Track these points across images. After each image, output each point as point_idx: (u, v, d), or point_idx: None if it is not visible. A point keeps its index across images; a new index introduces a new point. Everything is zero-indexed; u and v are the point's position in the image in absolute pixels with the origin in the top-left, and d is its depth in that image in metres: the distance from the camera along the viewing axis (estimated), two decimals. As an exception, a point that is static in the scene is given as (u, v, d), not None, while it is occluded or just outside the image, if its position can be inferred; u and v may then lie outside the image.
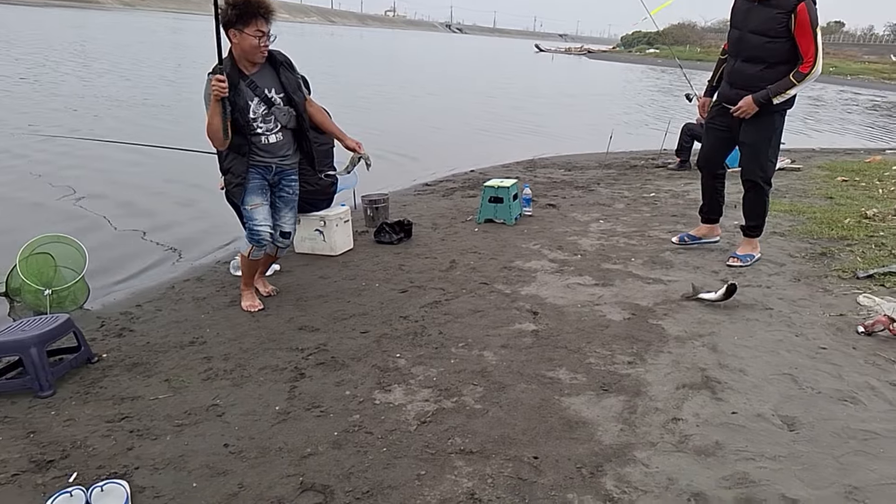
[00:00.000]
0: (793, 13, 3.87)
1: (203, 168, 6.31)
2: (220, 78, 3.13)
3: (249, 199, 3.48)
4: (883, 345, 3.26)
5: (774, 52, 4.01)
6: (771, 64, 4.04)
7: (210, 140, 3.31)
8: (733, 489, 2.19)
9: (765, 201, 4.43)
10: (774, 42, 3.99)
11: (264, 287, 3.93)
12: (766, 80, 4.06)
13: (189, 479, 2.23)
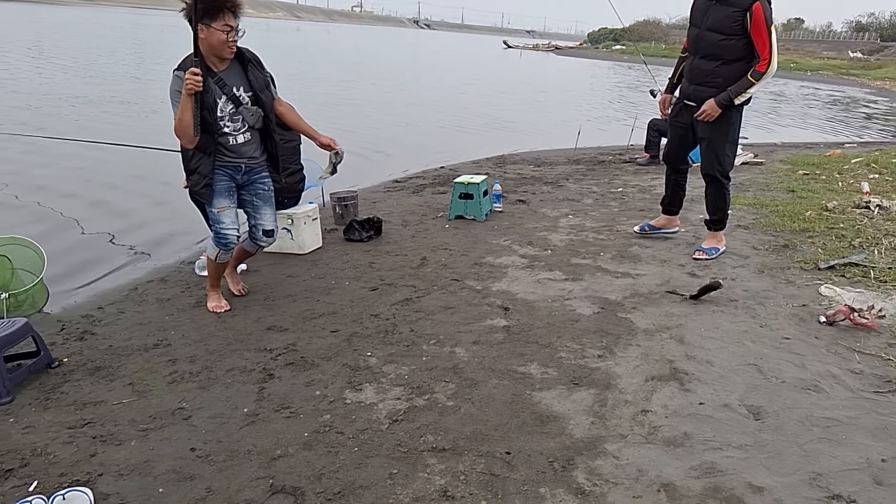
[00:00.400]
0: (748, 12, 3.98)
1: (165, 166, 6.19)
2: (195, 71, 3.05)
3: (216, 202, 3.40)
4: (844, 334, 3.34)
5: (730, 49, 4.11)
6: (727, 61, 4.14)
7: (178, 138, 3.22)
8: (701, 479, 2.23)
9: (725, 195, 4.51)
10: (730, 39, 4.09)
11: (235, 285, 3.86)
12: (722, 76, 4.16)
13: (155, 484, 2.18)
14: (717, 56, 4.17)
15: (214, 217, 3.43)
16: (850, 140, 13.16)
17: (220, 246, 3.47)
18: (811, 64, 45.25)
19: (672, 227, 5.06)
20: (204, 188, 3.34)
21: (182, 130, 3.17)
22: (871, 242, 4.70)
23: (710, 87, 4.22)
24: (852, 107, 23.14)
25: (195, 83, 3.06)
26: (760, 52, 4.04)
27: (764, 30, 3.99)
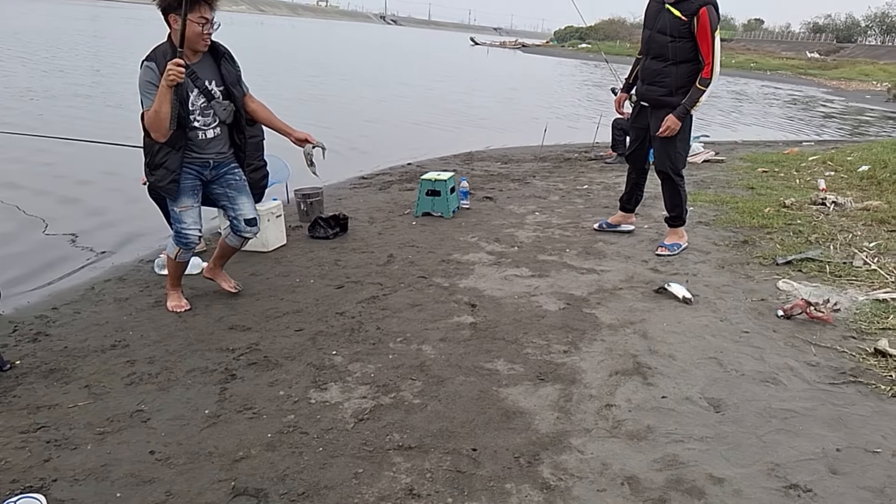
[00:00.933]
0: (695, 16, 4.13)
1: (124, 163, 6.06)
2: (179, 62, 2.97)
3: (180, 201, 3.32)
4: (801, 327, 3.42)
5: (678, 51, 4.26)
6: (675, 62, 4.29)
7: (151, 130, 3.11)
8: (664, 471, 2.26)
9: (680, 192, 4.62)
10: (678, 42, 4.24)
11: (227, 283, 3.77)
12: (670, 76, 4.33)
13: (112, 489, 2.12)
14: (666, 57, 4.32)
15: (176, 216, 3.36)
16: (807, 138, 13.50)
17: (180, 245, 3.39)
18: (771, 64, 46.36)
19: (627, 225, 5.16)
20: (171, 184, 3.25)
21: (158, 123, 3.07)
22: (827, 238, 4.83)
23: (658, 86, 4.39)
24: (810, 106, 23.77)
25: (177, 74, 2.97)
26: (705, 56, 4.20)
27: (708, 35, 4.13)
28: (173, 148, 3.20)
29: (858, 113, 21.87)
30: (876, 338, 3.23)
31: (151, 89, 3.06)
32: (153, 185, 3.34)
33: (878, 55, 51.49)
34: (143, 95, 3.09)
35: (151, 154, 3.24)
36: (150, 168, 3.28)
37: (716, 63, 4.19)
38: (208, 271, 3.79)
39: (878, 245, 4.65)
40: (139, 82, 3.09)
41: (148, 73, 3.06)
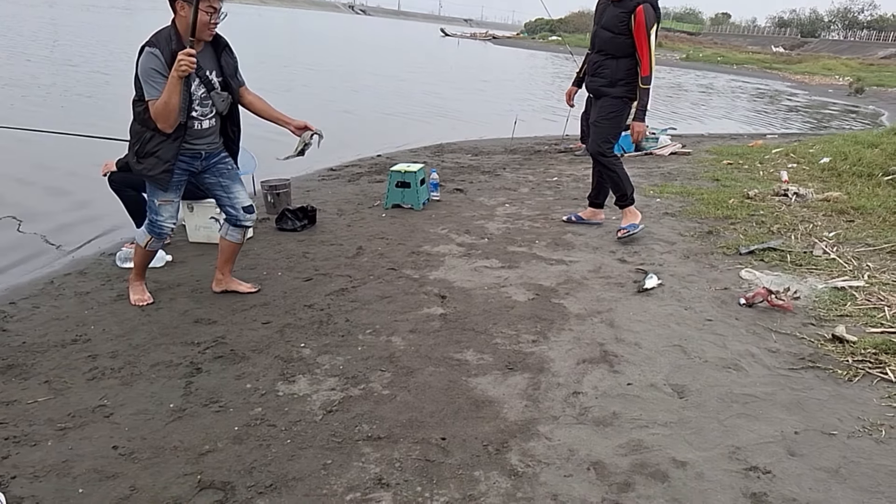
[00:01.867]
0: (632, 14, 4.33)
1: (80, 153, 5.92)
2: (190, 52, 2.91)
3: (162, 194, 3.26)
4: (762, 315, 3.50)
5: (618, 46, 4.47)
6: (615, 57, 4.51)
7: (159, 121, 3.03)
8: (629, 456, 2.30)
9: (615, 171, 4.79)
10: (618, 38, 4.45)
11: (242, 285, 3.65)
12: (609, 68, 4.56)
13: (74, 485, 2.08)
14: (607, 52, 4.54)
15: (155, 207, 3.29)
16: (772, 132, 13.77)
17: (153, 234, 3.35)
18: (737, 58, 47.13)
19: (596, 220, 5.24)
20: (163, 174, 3.17)
21: (167, 114, 3.00)
22: (789, 228, 4.94)
23: (600, 77, 4.62)
24: (775, 100, 24.24)
25: (189, 64, 2.91)
26: (640, 54, 4.41)
27: (644, 32, 4.33)
28: (168, 137, 3.13)
29: (821, 107, 22.38)
30: (834, 324, 3.32)
31: (156, 76, 2.98)
32: (144, 173, 3.23)
33: (841, 50, 52.75)
34: (147, 83, 3.00)
35: (142, 142, 3.15)
36: (137, 156, 3.18)
37: (651, 60, 4.39)
38: (217, 284, 3.65)
39: (838, 235, 4.77)
40: (141, 69, 2.99)
41: (152, 59, 2.98)
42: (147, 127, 3.11)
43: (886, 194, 5.78)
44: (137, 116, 3.13)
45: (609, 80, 4.58)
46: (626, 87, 4.55)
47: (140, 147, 3.16)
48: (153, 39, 3.02)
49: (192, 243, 4.49)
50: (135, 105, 3.12)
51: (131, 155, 3.22)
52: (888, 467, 2.27)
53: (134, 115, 3.14)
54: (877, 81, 30.03)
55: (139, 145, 3.16)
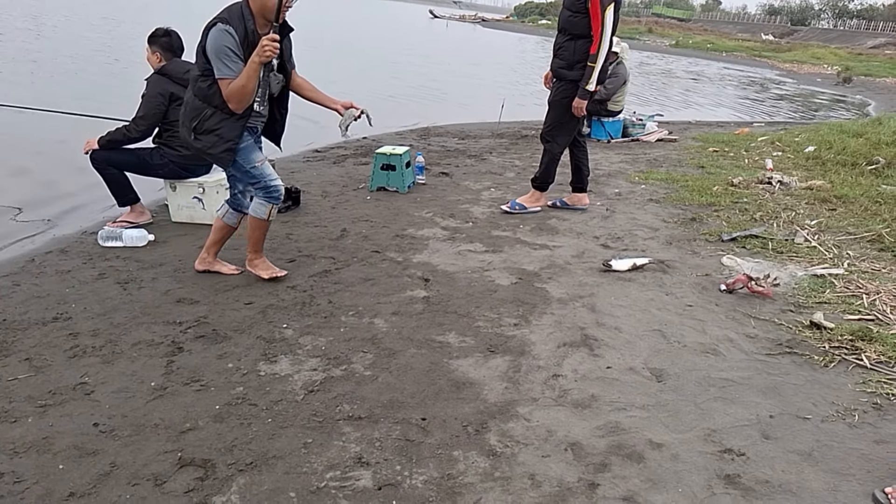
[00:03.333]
0: None
1: (68, 131, 5.83)
2: (274, 38, 2.93)
3: (254, 157, 3.26)
4: (742, 301, 3.55)
5: (576, 25, 4.49)
6: (574, 36, 4.53)
7: (233, 101, 3.04)
8: (606, 437, 2.33)
9: (548, 159, 4.91)
10: (576, 17, 4.48)
11: (269, 270, 3.56)
12: (568, 49, 4.59)
13: (54, 461, 2.09)
14: (567, 31, 4.58)
15: (259, 172, 3.28)
16: (758, 120, 13.84)
17: (272, 201, 3.34)
18: (726, 45, 47.14)
19: (581, 205, 5.26)
20: (225, 152, 3.18)
21: (244, 96, 3.03)
22: (771, 216, 4.99)
23: (560, 59, 4.65)
24: (763, 88, 24.32)
25: (273, 49, 2.93)
26: (594, 33, 4.41)
27: (598, 11, 4.34)
28: (232, 116, 3.12)
29: (809, 95, 22.49)
30: (812, 311, 3.37)
31: (231, 55, 2.98)
32: (205, 150, 3.21)
33: (830, 39, 52.94)
34: (220, 61, 2.98)
35: (201, 118, 3.13)
36: (195, 132, 3.17)
37: (604, 39, 4.38)
38: (250, 264, 3.58)
39: (819, 223, 4.83)
40: (214, 46, 2.97)
41: (226, 37, 2.96)
42: (209, 103, 3.11)
43: (869, 183, 5.85)
44: (199, 92, 3.11)
45: (567, 63, 4.59)
46: (584, 71, 4.51)
47: (199, 123, 3.14)
48: (225, 16, 3.00)
49: (175, 223, 4.46)
50: (197, 80, 3.10)
51: (187, 130, 3.20)
52: (860, 451, 2.32)
53: (195, 89, 3.13)
54: (865, 71, 30.21)
55: (198, 121, 3.14)
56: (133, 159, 4.19)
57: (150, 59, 4.18)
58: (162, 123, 4.16)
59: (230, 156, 3.21)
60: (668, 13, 76.16)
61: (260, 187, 3.33)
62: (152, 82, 4.12)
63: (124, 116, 4.27)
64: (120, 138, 4.08)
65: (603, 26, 4.34)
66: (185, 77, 4.11)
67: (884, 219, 4.81)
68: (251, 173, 3.30)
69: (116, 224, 4.23)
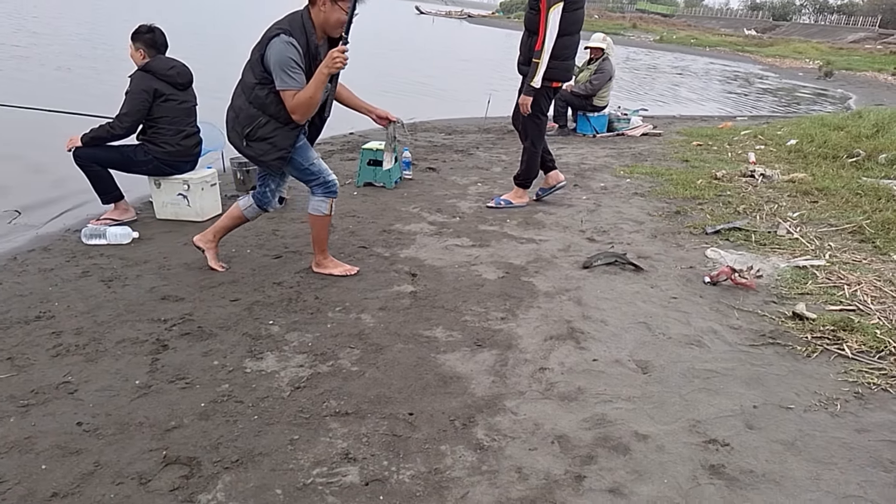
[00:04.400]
0: None
1: (52, 128, 5.76)
2: (343, 49, 2.97)
3: (310, 155, 3.33)
4: (725, 293, 3.58)
5: (533, 22, 4.57)
6: (532, 32, 4.61)
7: (297, 112, 3.08)
8: (592, 429, 2.35)
9: (528, 156, 4.98)
10: (531, 12, 4.57)
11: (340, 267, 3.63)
12: (527, 45, 4.66)
13: (37, 461, 2.07)
14: (528, 28, 4.68)
15: (317, 169, 3.35)
16: (741, 114, 13.95)
17: (332, 195, 3.41)
18: (710, 40, 47.42)
19: (560, 182, 5.26)
20: (276, 161, 3.22)
21: (309, 108, 3.09)
22: (754, 209, 5.04)
23: (522, 55, 4.73)
24: (746, 82, 24.49)
25: (343, 61, 3.01)
26: (540, 29, 4.47)
27: (544, 8, 4.42)
28: (287, 125, 3.15)
29: (791, 89, 22.68)
30: (795, 302, 3.40)
31: (295, 67, 3.01)
32: (256, 157, 3.24)
33: (811, 34, 53.40)
34: (284, 72, 3.00)
35: (255, 126, 3.15)
36: (247, 139, 3.19)
37: (548, 37, 4.44)
38: (317, 266, 3.64)
39: (801, 215, 4.88)
40: (278, 57, 2.99)
41: (291, 49, 2.98)
42: (264, 112, 3.13)
43: (850, 176, 5.92)
44: (255, 100, 3.12)
45: (525, 58, 4.67)
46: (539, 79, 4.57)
47: (252, 130, 3.16)
48: (287, 28, 3.02)
49: (159, 220, 4.43)
50: (254, 88, 3.11)
51: (238, 137, 3.21)
52: (842, 440, 2.34)
53: (250, 97, 3.13)
54: (846, 65, 30.50)
55: (251, 129, 3.16)
56: (117, 156, 4.15)
57: (134, 56, 4.14)
58: (146, 120, 4.13)
59: (282, 164, 3.27)
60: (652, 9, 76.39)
61: (319, 183, 3.39)
62: (136, 79, 4.08)
63: (107, 114, 4.23)
64: (104, 135, 4.04)
65: (547, 24, 4.41)
66: (169, 73, 4.11)
67: (864, 210, 4.87)
68: (310, 171, 3.35)
69: (100, 222, 4.19)
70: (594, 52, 8.50)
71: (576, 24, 4.57)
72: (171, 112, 4.15)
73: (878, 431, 2.39)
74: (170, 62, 4.16)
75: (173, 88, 4.15)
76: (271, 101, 3.10)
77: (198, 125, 4.39)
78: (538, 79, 4.53)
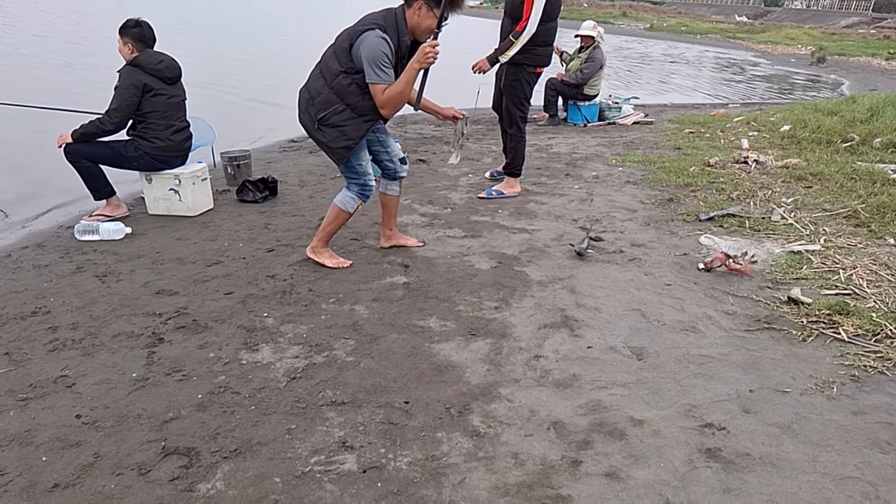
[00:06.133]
0: None
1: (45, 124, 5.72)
2: (435, 44, 3.05)
3: (362, 155, 3.43)
4: (720, 279, 3.59)
5: (514, 8, 4.66)
6: (515, 19, 4.69)
7: (387, 106, 3.19)
8: (588, 415, 2.36)
9: (514, 144, 5.00)
10: (514, 1, 4.66)
11: (409, 239, 3.94)
12: (509, 31, 4.70)
13: (37, 453, 2.08)
14: (510, 14, 4.75)
15: (362, 170, 3.44)
16: (734, 100, 13.95)
17: (363, 198, 3.53)
18: (701, 28, 47.29)
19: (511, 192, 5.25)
20: (343, 149, 3.30)
21: (400, 101, 3.20)
22: (748, 195, 5.05)
23: (501, 40, 4.77)
24: (738, 69, 24.48)
25: (435, 56, 3.09)
26: (524, 14, 4.58)
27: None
28: (361, 117, 3.23)
29: (783, 76, 22.69)
30: (789, 287, 3.42)
31: (386, 62, 3.10)
32: (319, 141, 3.34)
33: (803, 19, 53.37)
34: (376, 67, 3.09)
35: (331, 112, 3.23)
36: (320, 123, 3.26)
37: (531, 22, 4.55)
38: (387, 240, 3.89)
39: (795, 201, 4.90)
40: (372, 52, 3.07)
41: (384, 45, 3.08)
42: (343, 100, 3.20)
43: (844, 161, 5.93)
44: (337, 86, 3.19)
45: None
46: (524, 54, 4.68)
47: (326, 115, 3.23)
48: (382, 24, 3.11)
49: (151, 215, 4.42)
50: (338, 76, 3.18)
51: (310, 119, 3.30)
52: (838, 422, 2.36)
53: (331, 83, 3.20)
54: (838, 51, 30.50)
55: (326, 113, 3.23)
56: (107, 152, 4.13)
57: (122, 51, 4.11)
58: (136, 115, 4.10)
59: (347, 153, 3.33)
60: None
61: (359, 184, 3.49)
62: (125, 73, 4.06)
63: (97, 109, 4.20)
64: (94, 131, 4.02)
65: (533, 9, 4.53)
66: (158, 68, 4.08)
67: (859, 195, 4.89)
68: (355, 169, 3.44)
69: (93, 218, 4.18)
70: (584, 41, 8.47)
71: (557, 9, 4.73)
72: (161, 107, 4.13)
73: (874, 413, 2.41)
74: (158, 56, 4.14)
75: (162, 83, 4.13)
76: (353, 91, 3.18)
77: (187, 120, 4.37)
78: (508, 56, 4.67)
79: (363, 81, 3.15)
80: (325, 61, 3.25)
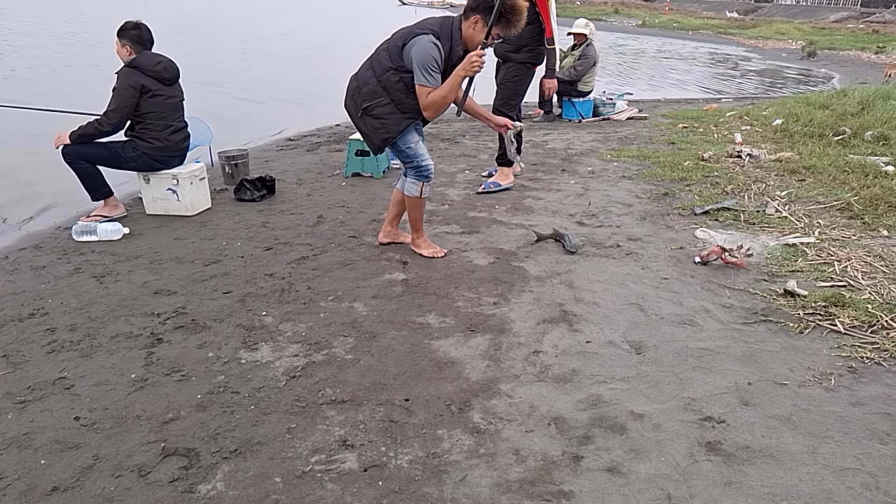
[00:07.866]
0: None
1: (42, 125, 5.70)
2: (482, 54, 3.15)
3: (410, 138, 3.45)
4: (716, 272, 3.61)
5: (532, 15, 4.64)
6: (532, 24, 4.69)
7: (430, 109, 3.30)
8: (588, 410, 2.37)
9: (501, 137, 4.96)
10: None
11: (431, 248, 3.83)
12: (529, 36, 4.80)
13: (36, 456, 2.07)
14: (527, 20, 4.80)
15: (413, 152, 3.48)
16: (726, 95, 13.97)
17: (423, 179, 3.55)
18: (692, 24, 47.31)
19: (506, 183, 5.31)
20: (382, 141, 3.40)
21: (442, 106, 3.31)
22: (742, 189, 5.06)
23: (506, 42, 4.78)
24: (730, 64, 24.53)
25: (481, 65, 3.23)
26: (543, 19, 4.81)
27: (545, 2, 4.75)
28: (403, 113, 3.32)
29: (775, 70, 22.75)
30: (785, 279, 3.43)
31: (435, 67, 3.21)
32: (359, 129, 3.43)
33: (793, 14, 53.49)
34: (425, 70, 3.20)
35: (375, 103, 3.33)
36: (364, 112, 3.36)
37: (553, 24, 4.84)
38: (386, 236, 3.92)
39: (789, 193, 4.91)
40: (423, 55, 3.18)
41: (436, 50, 3.19)
42: (388, 94, 3.30)
43: (836, 153, 5.95)
44: (385, 80, 3.29)
45: (514, 46, 4.86)
46: (530, 53, 4.88)
47: (371, 106, 3.33)
48: (437, 31, 3.21)
49: (149, 215, 4.40)
50: (387, 70, 3.28)
51: (355, 107, 3.39)
52: (836, 413, 2.36)
53: (380, 77, 3.29)
54: (829, 45, 30.58)
55: (371, 104, 3.33)
56: (105, 153, 4.12)
57: (120, 52, 4.11)
58: (134, 116, 4.10)
59: (384, 145, 3.43)
60: (636, -8, 76.14)
61: (413, 166, 3.54)
62: (123, 75, 4.05)
63: (94, 111, 4.19)
64: (92, 132, 4.01)
65: (550, 13, 4.78)
66: (156, 69, 4.08)
67: (852, 187, 4.91)
68: (406, 153, 3.50)
69: (90, 218, 4.17)
70: (577, 38, 8.48)
71: None
72: (159, 107, 4.13)
73: (872, 404, 2.42)
74: (156, 58, 4.13)
75: (160, 84, 4.12)
76: (399, 88, 3.28)
77: (185, 120, 4.36)
78: (560, 64, 4.93)
79: (411, 81, 3.26)
80: (378, 55, 3.36)
